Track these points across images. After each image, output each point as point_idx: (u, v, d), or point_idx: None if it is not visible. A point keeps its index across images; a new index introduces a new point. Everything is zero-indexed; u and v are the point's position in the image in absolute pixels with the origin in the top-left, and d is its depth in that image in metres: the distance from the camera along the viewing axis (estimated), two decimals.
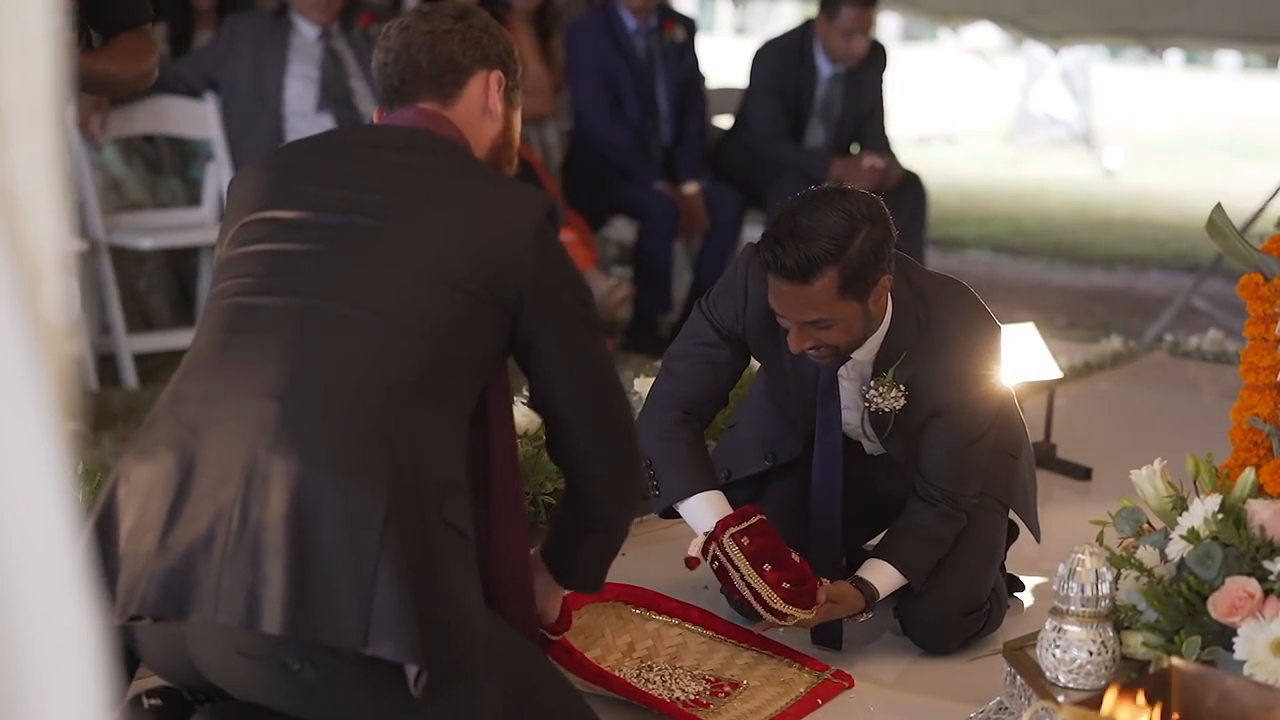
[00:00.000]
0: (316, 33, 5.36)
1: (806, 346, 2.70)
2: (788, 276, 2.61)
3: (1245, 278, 2.91)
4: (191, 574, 1.89)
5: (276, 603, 1.85)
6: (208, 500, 1.91)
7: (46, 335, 0.84)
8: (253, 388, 1.97)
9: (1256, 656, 2.13)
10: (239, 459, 1.91)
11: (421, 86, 2.23)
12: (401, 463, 1.95)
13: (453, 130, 2.22)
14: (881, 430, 2.88)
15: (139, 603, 1.91)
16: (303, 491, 1.88)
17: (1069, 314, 7.05)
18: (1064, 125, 15.16)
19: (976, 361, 2.81)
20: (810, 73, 6.08)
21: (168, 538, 1.91)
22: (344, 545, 1.87)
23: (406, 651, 1.86)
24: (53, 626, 0.82)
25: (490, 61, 2.27)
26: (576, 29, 6.03)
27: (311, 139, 2.37)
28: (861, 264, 2.61)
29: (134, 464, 1.98)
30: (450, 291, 2.06)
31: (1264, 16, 7.40)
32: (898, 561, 2.85)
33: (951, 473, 2.85)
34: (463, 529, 2.01)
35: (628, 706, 2.62)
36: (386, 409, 1.97)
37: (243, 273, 2.09)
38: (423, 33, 2.23)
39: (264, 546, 1.87)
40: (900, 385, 2.80)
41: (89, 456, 3.98)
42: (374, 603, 1.86)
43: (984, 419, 2.85)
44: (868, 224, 2.63)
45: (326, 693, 1.94)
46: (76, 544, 0.85)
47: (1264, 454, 2.81)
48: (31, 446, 0.83)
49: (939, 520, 2.87)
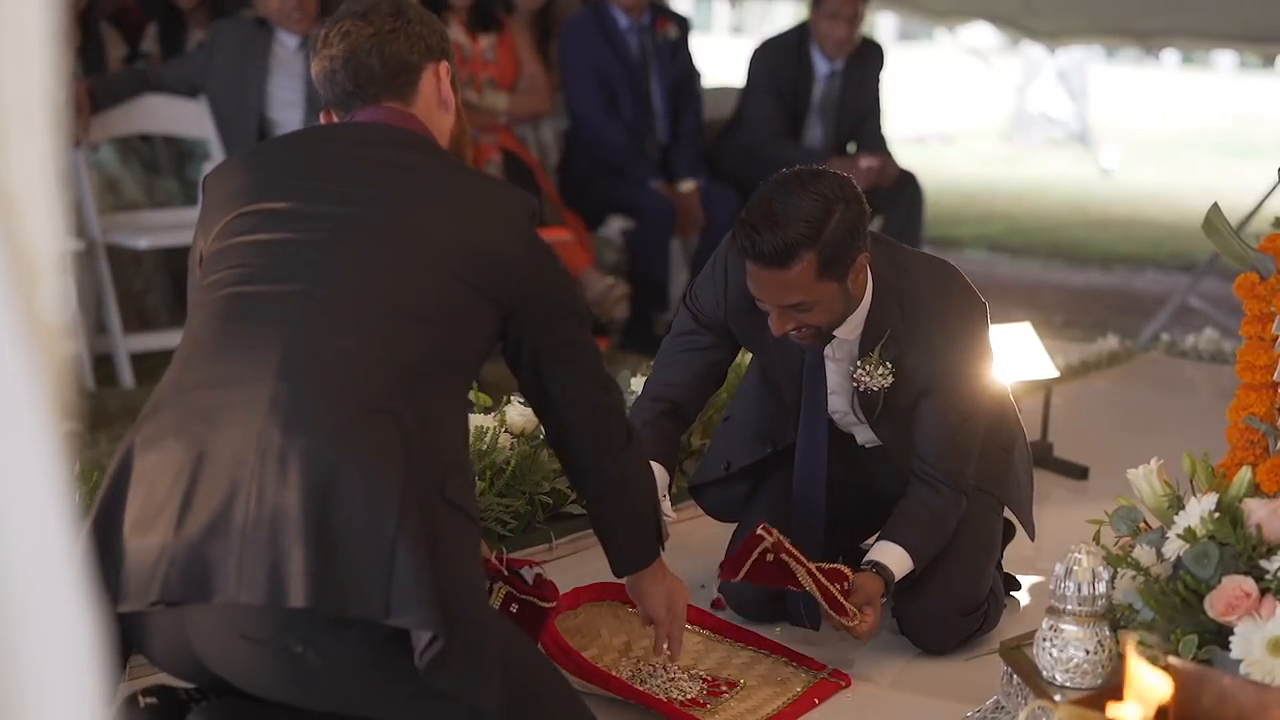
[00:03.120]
0: (297, 42, 5.28)
1: (788, 329, 2.71)
2: (765, 262, 2.62)
3: (1241, 277, 2.91)
4: (212, 556, 1.89)
5: (300, 576, 1.85)
6: (223, 483, 1.91)
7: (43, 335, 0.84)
8: (261, 371, 1.97)
9: (1253, 656, 2.13)
10: (252, 440, 1.91)
11: (380, 89, 2.25)
12: (411, 440, 1.96)
13: (420, 127, 2.25)
14: (871, 412, 2.88)
15: (160, 588, 1.90)
16: (319, 467, 1.89)
17: (1066, 313, 7.06)
18: (1061, 125, 15.17)
19: (961, 337, 2.82)
20: (807, 71, 6.09)
21: (184, 523, 1.91)
22: (363, 518, 1.88)
23: (428, 621, 1.87)
24: (50, 626, 0.82)
25: (435, 53, 2.29)
26: (569, 28, 6.03)
27: (292, 135, 2.39)
28: (838, 245, 2.63)
29: (140, 453, 1.98)
30: (449, 280, 2.08)
31: (1260, 16, 7.41)
32: (908, 545, 2.85)
33: (948, 452, 2.85)
34: (467, 509, 2.03)
35: (625, 706, 2.62)
36: (393, 390, 1.99)
37: (238, 263, 2.09)
38: (368, 36, 2.24)
39: (283, 524, 1.87)
40: (887, 363, 2.81)
41: (86, 456, 3.98)
42: (394, 575, 1.87)
43: (974, 394, 2.85)
44: (841, 204, 2.63)
45: (329, 676, 1.95)
46: (74, 543, 0.84)
47: (1260, 453, 2.81)
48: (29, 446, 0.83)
49: (941, 503, 2.87)
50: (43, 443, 0.83)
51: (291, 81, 5.29)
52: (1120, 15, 7.99)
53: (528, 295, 2.15)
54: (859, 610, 2.76)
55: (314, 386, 1.96)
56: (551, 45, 6.17)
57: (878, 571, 2.82)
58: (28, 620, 0.82)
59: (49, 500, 0.83)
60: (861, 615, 2.76)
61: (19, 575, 0.82)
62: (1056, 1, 8.07)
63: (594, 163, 5.96)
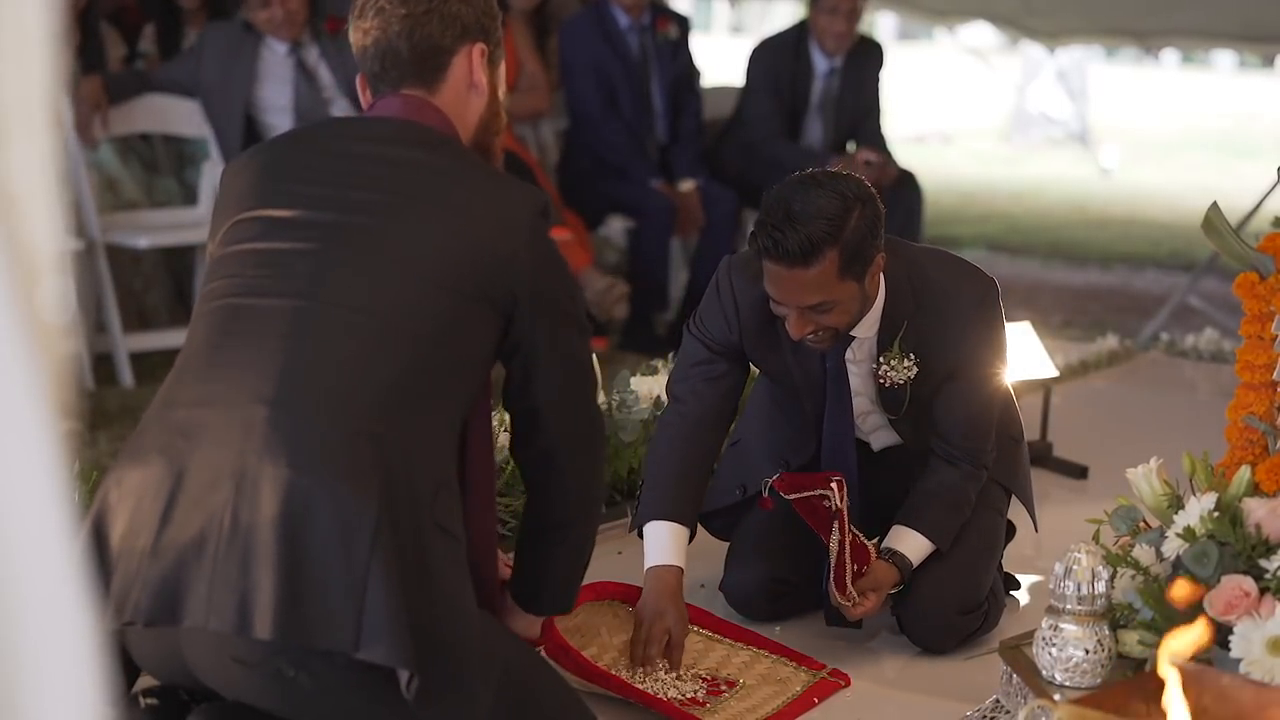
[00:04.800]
0: (286, 47, 5.26)
1: (806, 332, 2.70)
2: (789, 261, 2.61)
3: (1241, 276, 2.91)
4: (183, 580, 1.89)
5: (267, 608, 1.85)
6: (199, 506, 1.90)
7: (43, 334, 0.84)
8: (243, 392, 1.96)
9: (1253, 655, 2.13)
10: (229, 464, 1.90)
11: (404, 75, 2.18)
12: (394, 464, 1.94)
13: (440, 119, 2.18)
14: (897, 407, 2.88)
15: (132, 609, 1.90)
16: (293, 496, 1.88)
17: (1065, 313, 7.06)
18: (1060, 124, 15.16)
19: (978, 315, 2.84)
20: (806, 68, 6.09)
21: (159, 543, 1.90)
22: (335, 549, 1.87)
23: (398, 656, 1.85)
24: (51, 626, 0.82)
25: (471, 34, 2.20)
26: (569, 27, 6.03)
27: (298, 133, 2.34)
28: (858, 243, 2.63)
29: (126, 469, 1.97)
30: (445, 294, 2.05)
31: (1260, 16, 7.41)
32: (925, 528, 2.86)
33: (970, 428, 2.87)
34: (454, 531, 2.01)
35: (625, 705, 2.62)
36: (379, 410, 1.96)
37: (234, 272, 2.08)
38: (400, 17, 2.16)
39: (255, 552, 1.86)
40: (909, 354, 2.81)
41: (85, 455, 3.98)
42: (365, 607, 1.85)
43: (993, 372, 2.87)
44: (859, 204, 2.64)
45: (321, 699, 1.94)
46: (74, 543, 0.84)
47: (1260, 452, 2.81)
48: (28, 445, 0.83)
49: (961, 480, 2.88)
50: (42, 442, 0.83)
51: (280, 87, 5.26)
52: (1120, 15, 7.99)
53: (530, 294, 2.10)
54: (861, 595, 2.78)
55: (295, 412, 1.94)
56: (549, 44, 6.17)
57: (894, 561, 2.84)
58: (28, 620, 0.82)
59: (49, 500, 0.83)
60: (861, 600, 2.78)
61: (19, 575, 0.82)
62: (1056, 1, 8.07)
63: (594, 162, 5.96)
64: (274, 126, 5.24)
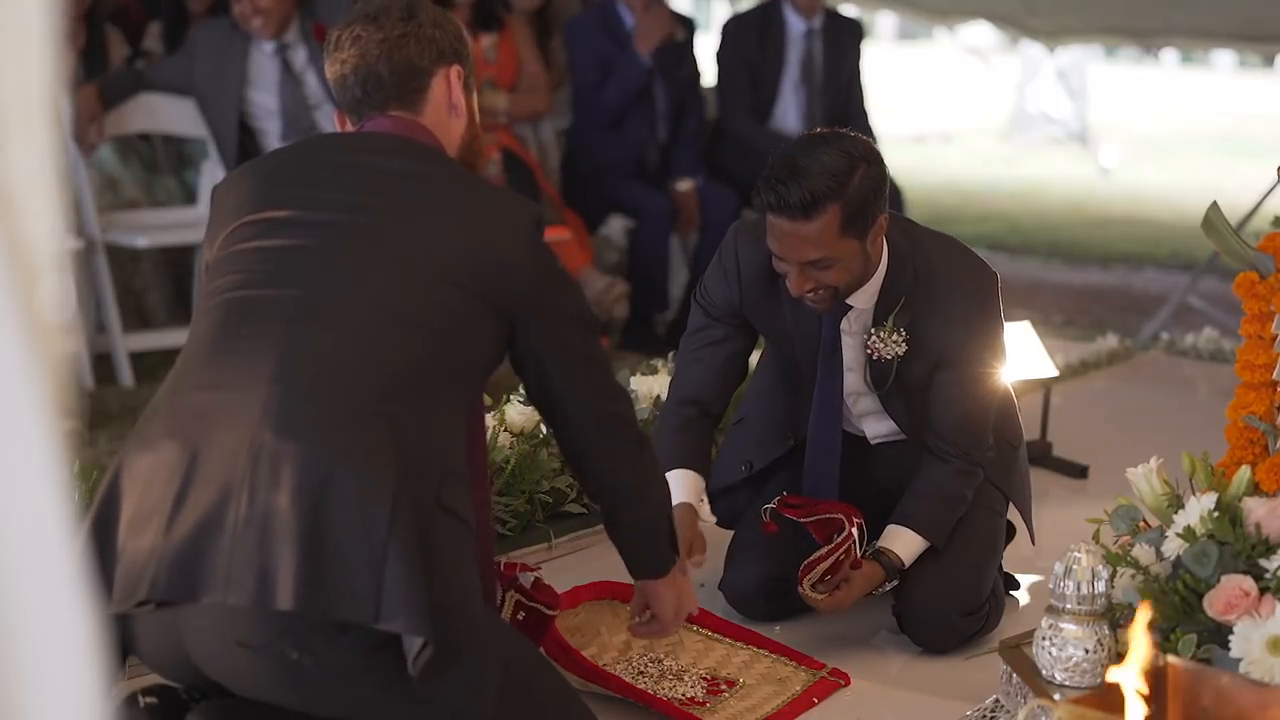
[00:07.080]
0: (272, 47, 5.24)
1: (806, 289, 2.72)
2: (790, 214, 2.63)
3: (1241, 276, 2.91)
4: (202, 557, 1.89)
5: (289, 580, 1.86)
6: (215, 484, 1.91)
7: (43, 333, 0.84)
8: (255, 374, 1.97)
9: (1252, 654, 2.13)
10: (245, 442, 1.92)
11: (387, 97, 2.24)
12: (408, 446, 1.96)
13: (429, 137, 2.24)
14: (883, 383, 2.89)
15: (148, 587, 1.90)
16: (311, 471, 1.89)
17: (1065, 312, 7.06)
18: (1060, 124, 15.16)
19: (975, 305, 2.84)
20: (779, 30, 6.02)
21: (175, 523, 1.91)
22: (354, 522, 1.88)
23: (418, 626, 1.86)
24: (50, 625, 0.82)
25: (447, 57, 2.27)
26: (574, 27, 6.02)
27: (295, 146, 2.39)
28: (861, 201, 2.65)
29: (134, 455, 1.98)
30: (450, 288, 2.07)
31: (1259, 16, 7.40)
32: (919, 526, 2.87)
33: (965, 424, 2.87)
34: (463, 515, 2.03)
35: (624, 705, 2.62)
36: (388, 395, 1.98)
37: (237, 269, 2.09)
38: (377, 41, 2.22)
39: (274, 526, 1.88)
40: (901, 329, 2.83)
41: (85, 455, 3.98)
42: (384, 579, 1.87)
43: (989, 368, 2.88)
44: (864, 163, 2.67)
45: (325, 684, 1.94)
46: (73, 542, 0.84)
47: (1260, 452, 2.82)
48: (28, 445, 0.83)
49: (955, 477, 2.89)
50: (42, 441, 0.83)
51: (268, 90, 5.24)
52: (1119, 14, 7.98)
53: (532, 304, 2.14)
54: (831, 590, 2.78)
55: (308, 391, 1.96)
56: (551, 45, 6.17)
57: (877, 558, 2.84)
58: (28, 620, 0.82)
59: (49, 499, 0.83)
60: (829, 594, 2.78)
61: (19, 575, 0.82)
62: (1056, 1, 8.06)
63: (595, 162, 5.95)
64: (263, 130, 5.24)
